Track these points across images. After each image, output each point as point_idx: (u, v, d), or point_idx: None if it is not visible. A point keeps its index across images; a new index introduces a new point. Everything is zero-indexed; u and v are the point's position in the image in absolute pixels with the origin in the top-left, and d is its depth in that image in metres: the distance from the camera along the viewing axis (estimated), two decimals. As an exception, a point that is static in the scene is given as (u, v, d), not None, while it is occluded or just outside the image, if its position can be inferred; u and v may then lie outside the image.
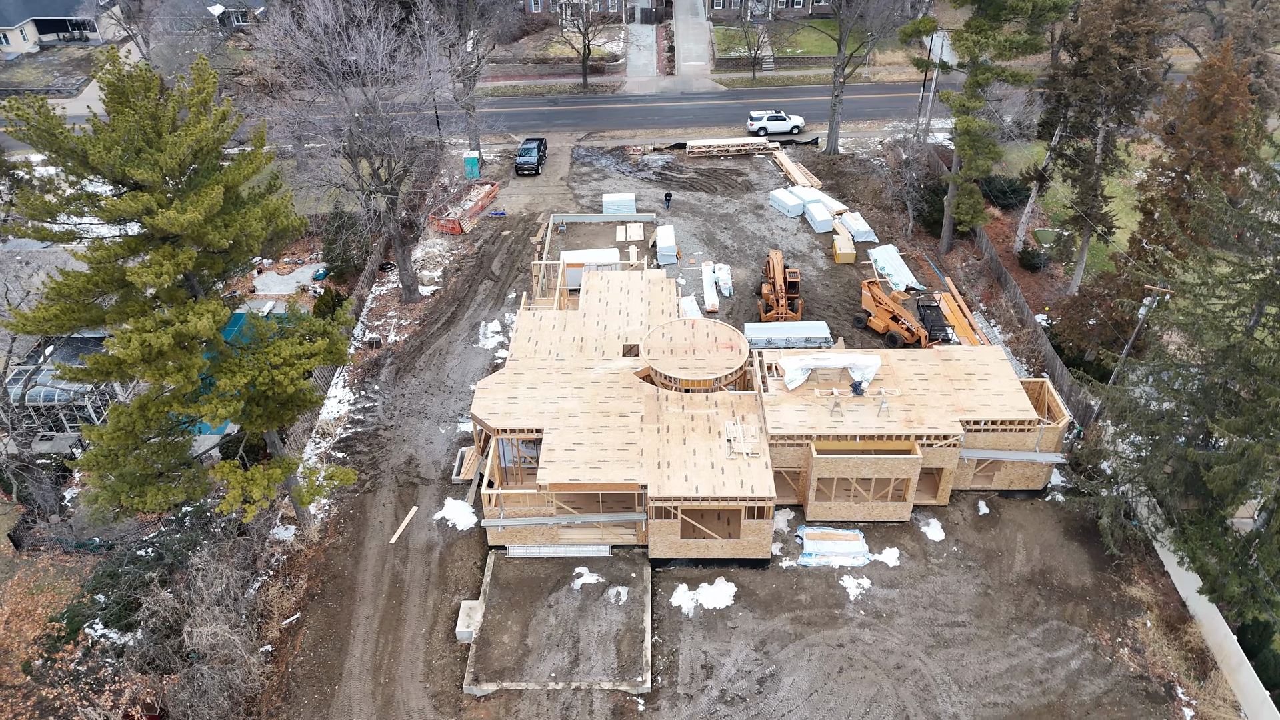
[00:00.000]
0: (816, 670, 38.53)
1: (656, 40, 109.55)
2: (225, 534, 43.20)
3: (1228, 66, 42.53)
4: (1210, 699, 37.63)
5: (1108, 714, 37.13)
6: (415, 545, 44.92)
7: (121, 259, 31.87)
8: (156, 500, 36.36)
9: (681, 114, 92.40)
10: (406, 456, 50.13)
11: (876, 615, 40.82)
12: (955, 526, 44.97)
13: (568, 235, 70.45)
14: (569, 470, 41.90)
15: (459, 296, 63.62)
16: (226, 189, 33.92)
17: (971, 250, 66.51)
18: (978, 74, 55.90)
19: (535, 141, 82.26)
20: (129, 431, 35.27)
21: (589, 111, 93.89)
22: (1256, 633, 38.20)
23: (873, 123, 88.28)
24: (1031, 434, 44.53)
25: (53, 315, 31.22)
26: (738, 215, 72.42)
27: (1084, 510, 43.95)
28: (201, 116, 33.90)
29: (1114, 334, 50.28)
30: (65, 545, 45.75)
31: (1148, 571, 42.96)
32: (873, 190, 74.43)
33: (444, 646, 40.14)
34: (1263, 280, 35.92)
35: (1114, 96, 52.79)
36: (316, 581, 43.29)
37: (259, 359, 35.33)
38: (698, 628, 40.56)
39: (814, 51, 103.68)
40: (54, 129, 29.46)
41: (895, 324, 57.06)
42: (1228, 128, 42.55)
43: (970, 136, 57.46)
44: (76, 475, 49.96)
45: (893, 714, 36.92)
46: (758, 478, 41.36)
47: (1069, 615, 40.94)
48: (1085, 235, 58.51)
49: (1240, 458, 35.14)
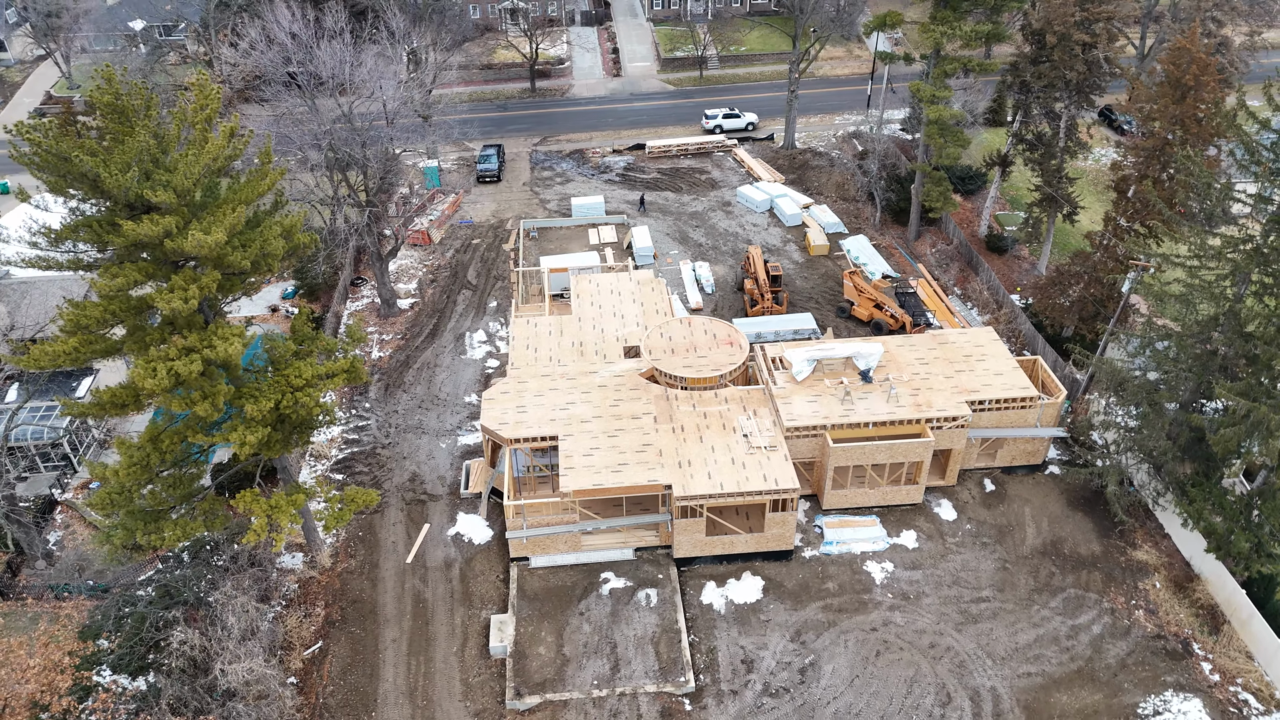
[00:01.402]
0: (854, 655, 39.05)
1: (599, 42, 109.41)
2: (237, 566, 41.58)
3: (1195, 48, 44.55)
4: (1225, 651, 39.37)
5: (1133, 674, 38.54)
6: (433, 563, 43.97)
7: (140, 285, 30.37)
8: (175, 535, 34.90)
9: (634, 115, 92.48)
10: (409, 474, 49.03)
11: (904, 597, 41.57)
12: (966, 505, 46.09)
13: (539, 240, 69.86)
14: (591, 476, 41.58)
15: (438, 308, 62.49)
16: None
17: (940, 236, 68.25)
18: (944, 64, 57.37)
19: (494, 148, 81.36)
20: (143, 465, 33.71)
21: (540, 116, 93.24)
22: (1261, 585, 40.11)
23: (823, 116, 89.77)
24: (1033, 410, 45.93)
25: (70, 348, 29.57)
26: (707, 213, 72.85)
27: (1088, 480, 45.48)
28: (208, 133, 32.63)
29: (1094, 309, 52.21)
30: (58, 591, 43.46)
31: (1150, 535, 44.71)
32: (836, 182, 75.70)
33: (479, 663, 39.40)
34: (1252, 249, 37.76)
35: (1076, 82, 54.83)
36: (335, 608, 42.01)
37: (278, 382, 34.13)
38: (731, 623, 40.69)
39: (757, 49, 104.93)
40: (68, 152, 27.92)
41: (879, 312, 58.17)
42: (1199, 106, 44.59)
43: (939, 126, 58.92)
44: (59, 517, 47.54)
45: (934, 692, 37.66)
46: (779, 470, 41.69)
47: (1084, 583, 42.36)
48: (1050, 217, 60.60)
49: (1245, 419, 36.91)
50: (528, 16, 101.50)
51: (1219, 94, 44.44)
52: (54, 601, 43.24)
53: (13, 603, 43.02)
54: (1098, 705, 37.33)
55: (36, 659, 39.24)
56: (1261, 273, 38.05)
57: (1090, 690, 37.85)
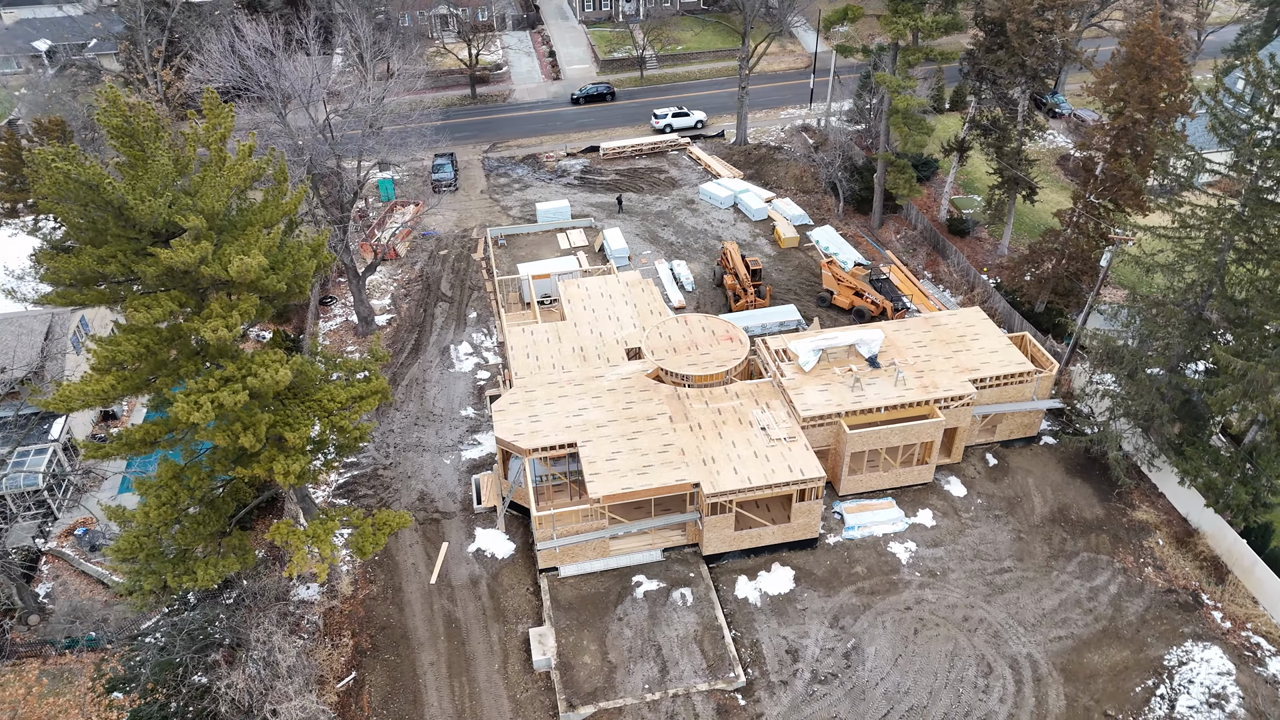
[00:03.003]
0: (894, 635, 39.85)
1: (534, 46, 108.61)
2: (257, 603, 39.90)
3: (1156, 29, 46.90)
4: (1232, 599, 41.59)
5: (1153, 629, 40.38)
6: (458, 581, 43.05)
7: (174, 315, 28.85)
8: (209, 575, 33.34)
9: (580, 117, 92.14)
10: (417, 493, 47.86)
11: (931, 575, 42.61)
12: (973, 480, 47.50)
13: (509, 248, 69.02)
14: (618, 480, 41.35)
15: (417, 322, 61.13)
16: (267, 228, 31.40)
17: (903, 223, 70.05)
18: (908, 54, 58.94)
19: (446, 156, 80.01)
20: (172, 505, 32.10)
21: (485, 122, 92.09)
22: (1259, 534, 42.52)
23: (768, 111, 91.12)
24: (1029, 384, 47.64)
25: (107, 387, 27.87)
26: (673, 212, 73.15)
27: (1088, 447, 47.41)
28: (224, 153, 31.26)
29: (1069, 284, 54.44)
30: (57, 646, 40.99)
31: (1145, 496, 46.88)
32: (794, 175, 76.96)
33: (524, 678, 38.76)
34: (1234, 217, 40.00)
35: (1034, 68, 57.06)
36: (363, 636, 40.74)
37: (311, 407, 32.93)
38: (769, 615, 41.03)
39: (694, 48, 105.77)
40: (97, 180, 26.36)
41: (860, 299, 59.42)
42: (1164, 85, 46.97)
43: (904, 115, 60.51)
44: (45, 569, 44.84)
45: (974, 664, 38.73)
46: (803, 460, 42.23)
47: (1094, 546, 44.15)
48: (1011, 198, 62.89)
49: (1242, 378, 39.07)
50: (460, 22, 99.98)
51: (1182, 73, 46.88)
52: (55, 657, 40.83)
53: (11, 662, 40.44)
54: (1127, 661, 39.00)
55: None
56: (1243, 238, 40.34)
57: (1118, 647, 39.51)
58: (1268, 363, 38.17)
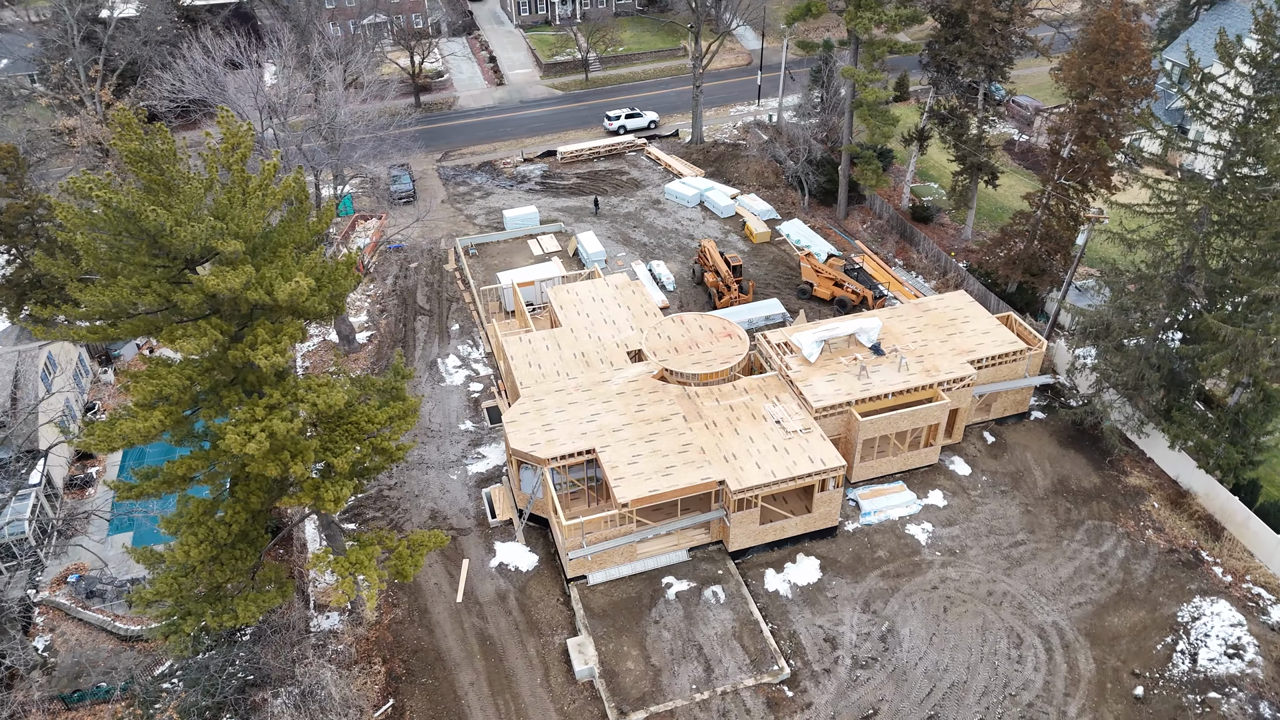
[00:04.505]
0: (925, 615, 40.77)
1: (473, 52, 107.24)
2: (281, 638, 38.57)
3: (1118, 15, 49.03)
4: (1230, 554, 43.80)
5: (1163, 588, 42.25)
6: (485, 598, 42.34)
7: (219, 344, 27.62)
8: (250, 611, 32.08)
9: (531, 122, 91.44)
10: (428, 511, 46.88)
11: (951, 553, 43.73)
12: (975, 459, 48.90)
13: (480, 256, 68.09)
14: (644, 483, 41.25)
15: (398, 338, 59.80)
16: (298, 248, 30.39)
17: (868, 214, 71.57)
18: (873, 48, 60.25)
19: (403, 167, 78.46)
20: (211, 541, 30.80)
21: (434, 130, 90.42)
22: (1248, 491, 44.85)
23: (717, 109, 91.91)
24: (1022, 362, 49.28)
25: (155, 423, 26.50)
26: (640, 213, 73.22)
27: (1080, 420, 49.28)
28: (245, 174, 30.12)
29: (1043, 264, 56.48)
30: (67, 700, 38.88)
31: (1136, 462, 48.99)
32: (755, 171, 77.85)
33: (568, 690, 38.37)
34: (1211, 192, 42.14)
35: (993, 57, 58.99)
36: (395, 662, 39.71)
37: (349, 430, 31.97)
38: (802, 605, 41.51)
39: (634, 49, 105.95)
40: (137, 209, 25.10)
41: (840, 289, 60.49)
42: (1129, 69, 49.14)
43: (869, 107, 61.82)
44: (40, 621, 42.47)
45: (1005, 636, 39.92)
46: (822, 450, 42.83)
47: (1097, 513, 45.95)
48: (974, 183, 64.89)
49: (1233, 344, 41.18)
50: (401, 30, 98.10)
51: (1145, 56, 49.12)
52: (66, 713, 38.71)
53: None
54: (1145, 620, 40.72)
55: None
56: (1219, 211, 42.50)
57: (1134, 609, 41.22)
58: (1254, 328, 40.35)
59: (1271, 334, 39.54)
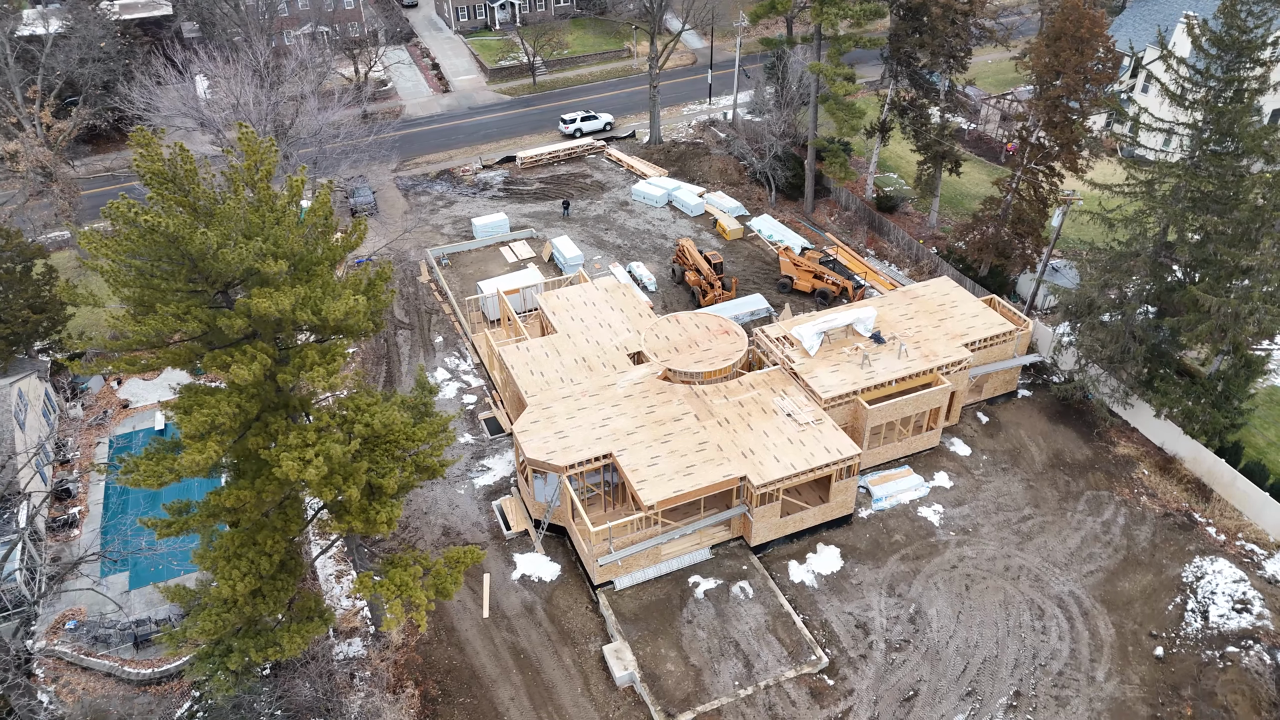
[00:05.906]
0: (949, 594, 41.70)
1: (416, 60, 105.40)
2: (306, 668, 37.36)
3: (1080, 4, 50.91)
4: (1221, 513, 45.90)
5: (1164, 551, 44.08)
6: (512, 611, 41.73)
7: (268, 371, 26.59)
8: (295, 644, 31.05)
9: (483, 128, 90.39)
10: (440, 528, 45.97)
11: (964, 532, 44.81)
12: (974, 439, 50.21)
13: (453, 266, 67.02)
14: (667, 484, 41.22)
15: (381, 353, 58.45)
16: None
17: (834, 206, 72.76)
18: (840, 43, 61.30)
19: (361, 179, 76.64)
20: (255, 574, 29.68)
21: (385, 140, 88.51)
22: (1232, 453, 47.09)
23: (670, 109, 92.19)
24: (1011, 343, 50.78)
25: (210, 453, 25.34)
26: (610, 215, 73.05)
27: (1067, 395, 51.02)
28: (270, 192, 29.14)
29: (1015, 246, 58.26)
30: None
31: (1122, 432, 50.95)
32: (718, 169, 78.40)
33: (610, 697, 38.10)
34: (1189, 168, 44.15)
35: (954, 49, 60.63)
36: (429, 683, 38.84)
37: (390, 449, 31.18)
38: (829, 594, 42.03)
39: (579, 51, 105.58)
40: (181, 232, 24.02)
41: (820, 281, 61.37)
42: (1095, 55, 51.08)
43: (834, 101, 62.87)
44: (40, 672, 40.28)
45: (1027, 608, 41.11)
46: (837, 440, 43.43)
47: (1094, 483, 47.66)
48: (938, 172, 66.56)
49: (1217, 314, 43.17)
50: (346, 39, 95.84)
51: (1109, 42, 51.13)
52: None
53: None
54: (1153, 583, 42.41)
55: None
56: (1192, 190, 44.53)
57: (1141, 572, 42.90)
58: (1237, 297, 42.40)
59: (1254, 302, 41.59)
